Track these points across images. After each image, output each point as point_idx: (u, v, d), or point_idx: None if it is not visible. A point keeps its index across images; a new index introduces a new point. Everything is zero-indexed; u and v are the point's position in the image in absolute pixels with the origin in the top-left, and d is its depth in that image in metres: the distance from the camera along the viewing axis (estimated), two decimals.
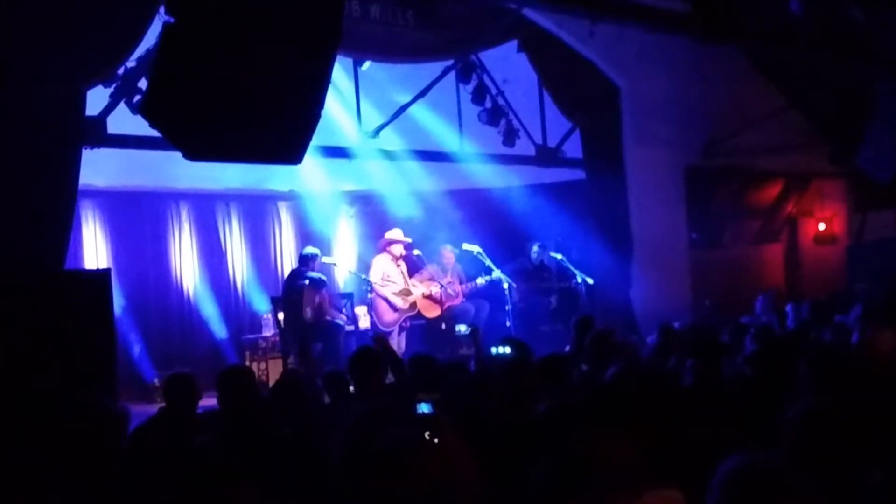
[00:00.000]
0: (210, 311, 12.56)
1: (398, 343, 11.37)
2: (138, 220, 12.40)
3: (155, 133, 6.22)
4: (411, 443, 3.10)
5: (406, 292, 11.54)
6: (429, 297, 11.79)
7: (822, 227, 16.54)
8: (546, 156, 12.84)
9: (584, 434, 3.40)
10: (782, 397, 4.51)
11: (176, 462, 4.08)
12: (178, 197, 12.70)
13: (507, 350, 7.88)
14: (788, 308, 9.85)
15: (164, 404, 6.05)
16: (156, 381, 11.48)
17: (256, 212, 13.53)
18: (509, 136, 12.36)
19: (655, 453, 3.46)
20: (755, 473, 2.93)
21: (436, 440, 3.12)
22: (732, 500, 2.93)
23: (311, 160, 10.93)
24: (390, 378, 7.21)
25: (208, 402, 6.29)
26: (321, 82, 6.31)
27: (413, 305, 11.61)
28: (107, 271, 8.60)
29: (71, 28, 7.41)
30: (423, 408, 3.66)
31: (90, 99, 8.13)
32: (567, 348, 8.70)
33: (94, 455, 4.46)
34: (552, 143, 12.89)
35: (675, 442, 3.94)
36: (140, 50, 8.11)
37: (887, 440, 3.54)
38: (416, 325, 11.96)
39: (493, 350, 7.98)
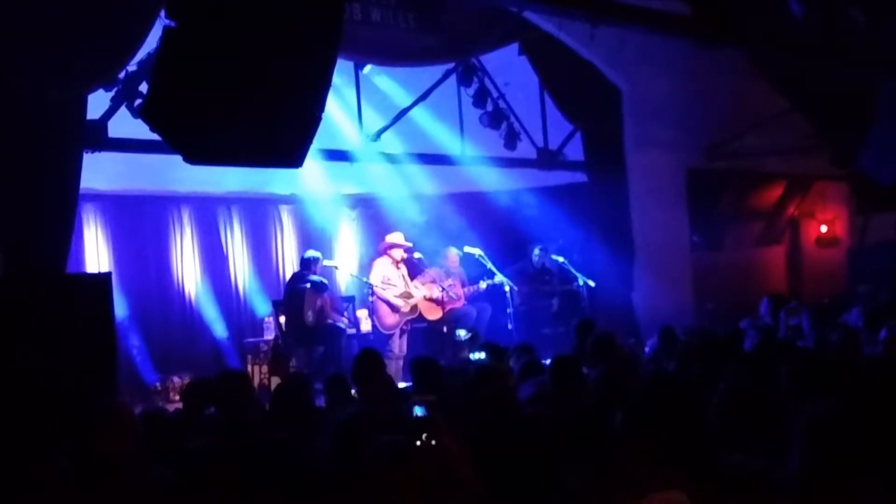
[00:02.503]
0: (211, 314, 12.55)
1: (399, 346, 11.37)
2: (140, 223, 12.39)
3: (156, 137, 6.23)
4: (403, 450, 3.10)
5: (407, 295, 11.52)
6: (430, 299, 11.77)
7: (823, 229, 16.53)
8: (547, 159, 12.84)
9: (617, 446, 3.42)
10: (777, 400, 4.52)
11: (172, 465, 4.09)
12: (179, 200, 12.69)
13: (483, 356, 7.93)
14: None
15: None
16: (157, 384, 11.50)
17: (258, 215, 13.53)
18: (510, 139, 12.36)
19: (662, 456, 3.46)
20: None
21: (433, 442, 3.12)
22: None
23: (313, 163, 10.93)
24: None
25: None
26: (322, 85, 6.32)
27: (414, 308, 11.59)
28: (108, 275, 8.60)
29: (72, 32, 7.40)
30: (418, 410, 3.66)
31: (91, 103, 8.14)
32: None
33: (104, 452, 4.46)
34: (553, 145, 12.89)
35: (682, 445, 3.93)
36: (141, 54, 8.11)
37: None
38: (418, 328, 11.94)
39: (472, 356, 8.02)
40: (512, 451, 3.83)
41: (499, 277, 11.79)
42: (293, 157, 6.53)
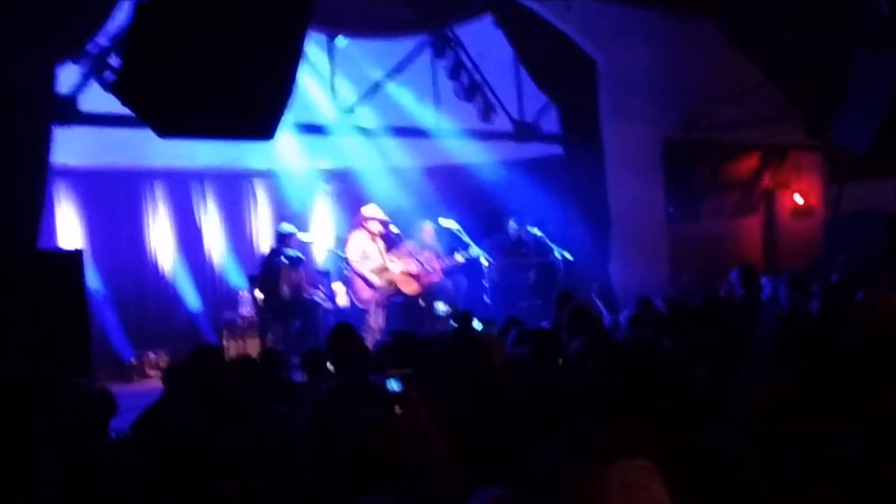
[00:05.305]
0: (186, 289, 12.53)
1: (377, 320, 11.36)
2: (113, 199, 12.33)
3: (128, 111, 6.17)
4: (377, 424, 3.09)
5: (383, 269, 11.50)
6: (407, 273, 11.75)
7: (798, 199, 16.60)
8: (523, 131, 12.79)
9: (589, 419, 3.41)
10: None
11: (150, 442, 4.06)
12: (152, 176, 12.62)
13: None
14: (765, 280, 9.86)
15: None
16: (132, 359, 11.48)
17: (232, 190, 13.47)
18: (486, 112, 12.28)
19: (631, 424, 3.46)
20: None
21: (407, 416, 3.12)
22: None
23: (288, 137, 10.88)
24: None
25: None
26: (293, 58, 6.28)
27: (391, 282, 11.58)
28: (79, 251, 8.54)
29: (36, 3, 7.30)
30: (392, 384, 3.64)
31: (63, 77, 8.04)
32: (543, 323, 8.70)
33: (76, 437, 4.43)
34: (529, 118, 12.84)
35: (653, 414, 3.94)
36: (113, 27, 8.01)
37: (852, 412, 3.55)
38: (395, 302, 11.93)
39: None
40: (486, 421, 3.83)
41: (475, 250, 11.77)
42: (265, 130, 6.50)
